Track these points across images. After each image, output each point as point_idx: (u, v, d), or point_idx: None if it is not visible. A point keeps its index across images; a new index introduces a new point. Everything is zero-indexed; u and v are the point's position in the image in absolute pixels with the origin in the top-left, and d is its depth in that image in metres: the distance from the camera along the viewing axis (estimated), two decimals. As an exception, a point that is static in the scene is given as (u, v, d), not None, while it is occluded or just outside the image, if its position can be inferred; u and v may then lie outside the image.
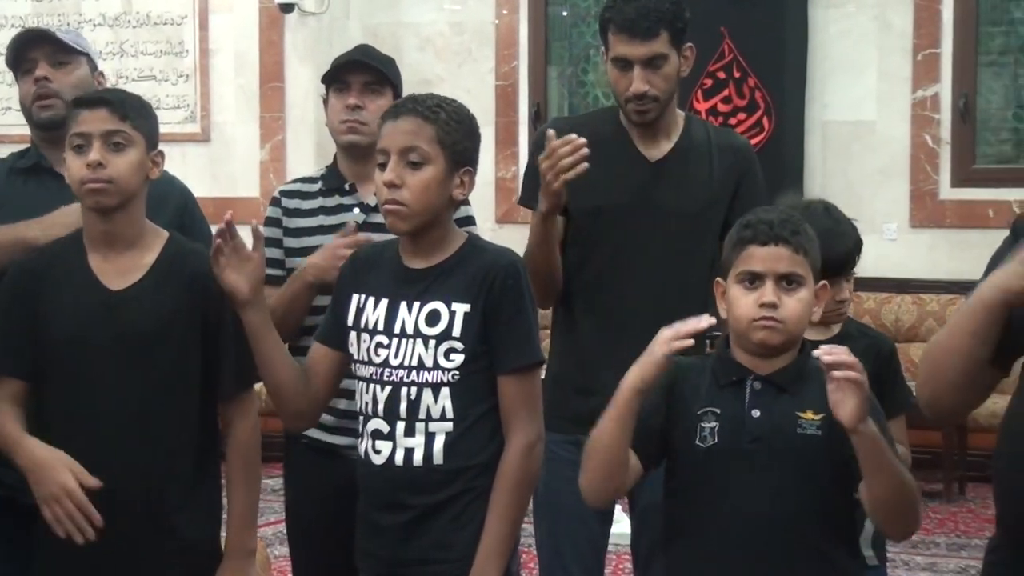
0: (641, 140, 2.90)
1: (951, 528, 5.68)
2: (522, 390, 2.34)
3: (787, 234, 2.17)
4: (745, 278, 2.17)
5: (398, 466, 2.30)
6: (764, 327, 2.14)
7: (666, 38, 2.82)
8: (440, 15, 7.67)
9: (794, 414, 2.14)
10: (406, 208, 2.31)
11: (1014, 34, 6.72)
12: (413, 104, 2.36)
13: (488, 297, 2.31)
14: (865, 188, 6.72)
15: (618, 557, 4.77)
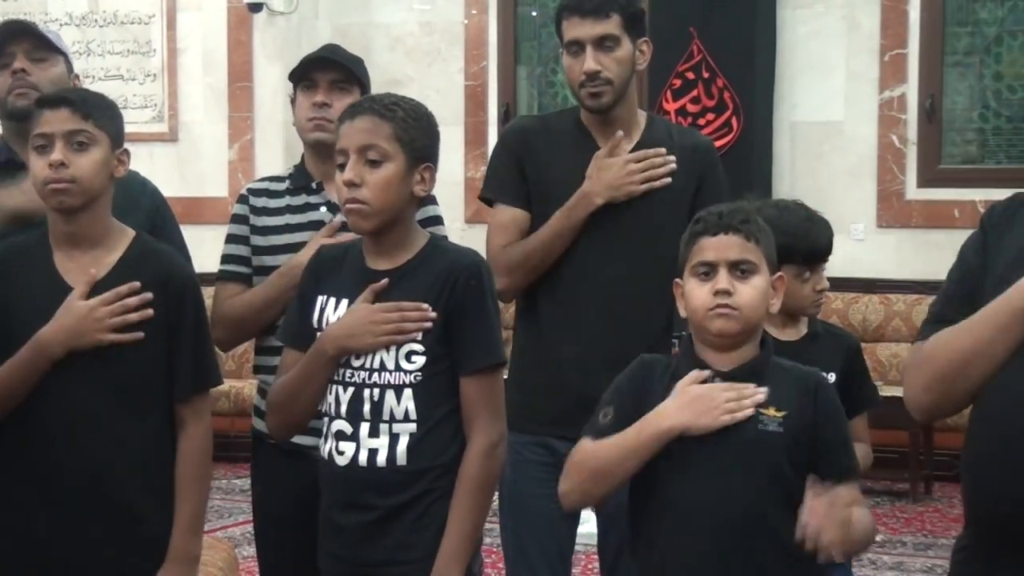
0: (603, 137, 2.91)
1: (918, 527, 5.70)
2: (484, 391, 2.34)
3: (736, 223, 2.19)
4: (699, 270, 2.19)
5: (362, 467, 2.30)
6: (719, 315, 2.15)
7: (618, 21, 2.84)
8: (410, 15, 7.67)
9: (756, 410, 2.14)
10: (367, 207, 2.31)
11: (979, 35, 6.76)
12: (369, 103, 2.37)
13: (451, 298, 2.31)
14: (833, 188, 6.75)
15: (587, 557, 4.76)
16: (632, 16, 2.87)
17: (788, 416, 2.14)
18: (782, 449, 2.14)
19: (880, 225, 6.79)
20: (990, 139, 6.82)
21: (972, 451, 2.06)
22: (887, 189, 6.78)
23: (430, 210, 2.99)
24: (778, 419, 2.14)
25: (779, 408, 2.14)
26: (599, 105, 2.86)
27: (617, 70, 2.84)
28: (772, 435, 2.14)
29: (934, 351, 2.04)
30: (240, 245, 2.96)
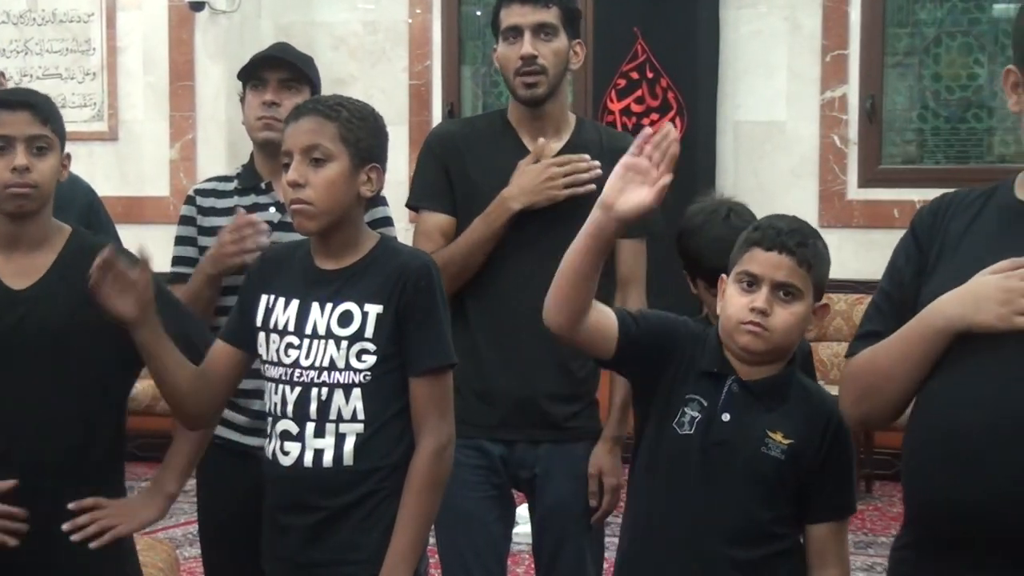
0: (530, 136, 2.90)
1: (858, 526, 5.73)
2: (433, 392, 2.33)
3: (793, 244, 2.16)
4: (744, 279, 2.16)
5: (307, 467, 2.29)
6: (749, 332, 2.13)
7: (557, 13, 2.84)
8: (353, 14, 7.63)
9: (763, 430, 2.12)
10: (312, 207, 2.30)
11: (919, 35, 6.84)
12: (314, 104, 2.37)
13: (401, 298, 2.30)
14: (776, 188, 6.80)
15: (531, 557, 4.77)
16: (570, 12, 2.88)
17: (793, 446, 2.11)
18: (778, 476, 2.11)
19: (822, 225, 6.83)
20: (929, 139, 6.89)
21: (912, 452, 2.08)
22: (829, 189, 6.84)
23: (380, 211, 2.99)
24: (783, 446, 2.11)
25: (787, 435, 2.11)
26: (533, 95, 2.85)
27: (553, 60, 2.84)
28: (772, 461, 2.11)
29: (860, 368, 2.08)
30: (188, 247, 2.94)
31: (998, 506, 1.91)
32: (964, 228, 2.07)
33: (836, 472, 2.17)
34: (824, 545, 2.17)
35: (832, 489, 2.17)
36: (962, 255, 2.03)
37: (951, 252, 2.05)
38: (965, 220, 2.07)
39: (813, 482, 2.14)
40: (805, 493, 2.13)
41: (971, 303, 1.93)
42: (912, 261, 2.10)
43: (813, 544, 2.17)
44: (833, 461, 2.16)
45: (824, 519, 2.17)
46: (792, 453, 2.10)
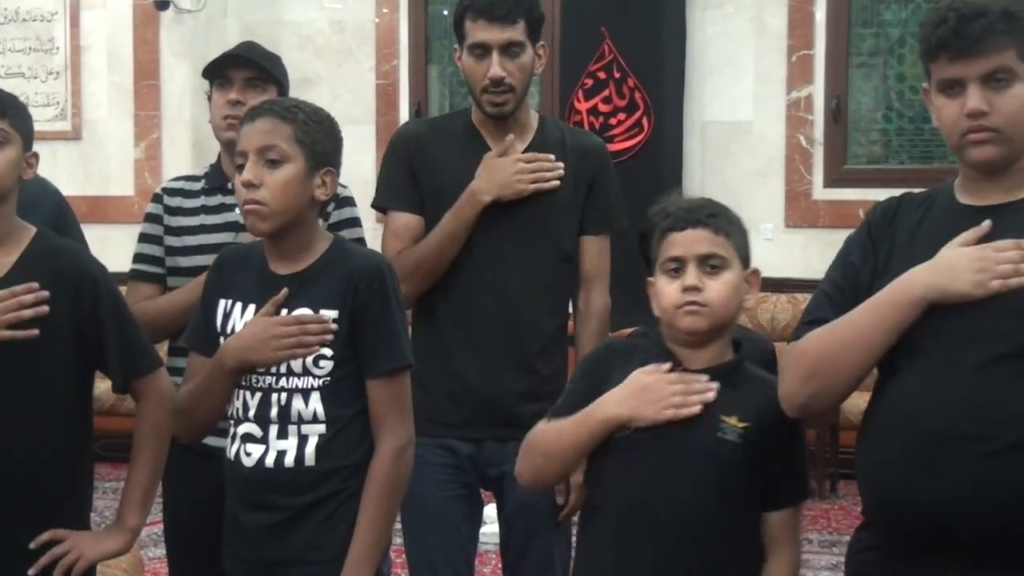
0: (494, 139, 2.90)
1: (823, 525, 5.77)
2: (391, 393, 2.34)
3: (704, 216, 2.16)
4: (669, 266, 2.16)
5: (268, 468, 2.30)
6: (688, 312, 2.12)
7: (523, 27, 2.84)
8: (320, 13, 7.61)
9: (719, 416, 2.12)
10: (266, 207, 2.30)
11: (883, 36, 6.88)
12: (270, 105, 2.37)
13: (354, 301, 2.31)
14: (742, 188, 6.82)
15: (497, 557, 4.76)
16: (535, 22, 2.88)
17: (749, 429, 2.11)
18: (736, 461, 2.11)
19: (788, 225, 6.87)
20: (893, 140, 6.94)
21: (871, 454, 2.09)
22: (795, 189, 6.87)
23: (347, 212, 2.99)
24: (739, 430, 2.11)
25: (742, 419, 2.11)
26: (500, 112, 2.86)
27: (520, 76, 2.85)
28: (728, 444, 2.11)
29: (810, 346, 2.09)
30: (153, 245, 2.92)
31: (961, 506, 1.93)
32: (911, 231, 2.10)
33: (792, 458, 2.18)
34: (780, 531, 2.18)
35: (789, 475, 2.18)
36: (913, 258, 2.05)
37: (901, 254, 2.08)
38: (912, 223, 2.11)
39: (769, 468, 2.14)
40: (761, 480, 2.13)
41: (945, 273, 1.98)
42: (868, 257, 2.13)
43: (770, 531, 2.17)
44: (789, 445, 2.16)
45: (781, 506, 2.18)
46: (748, 436, 2.11)
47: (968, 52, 1.99)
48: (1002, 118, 1.99)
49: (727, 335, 2.19)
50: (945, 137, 2.07)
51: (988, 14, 2.00)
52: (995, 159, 2.02)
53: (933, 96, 2.07)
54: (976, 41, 1.99)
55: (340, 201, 2.97)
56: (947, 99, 2.03)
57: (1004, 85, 2.00)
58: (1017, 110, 2.00)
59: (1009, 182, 2.05)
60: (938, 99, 2.05)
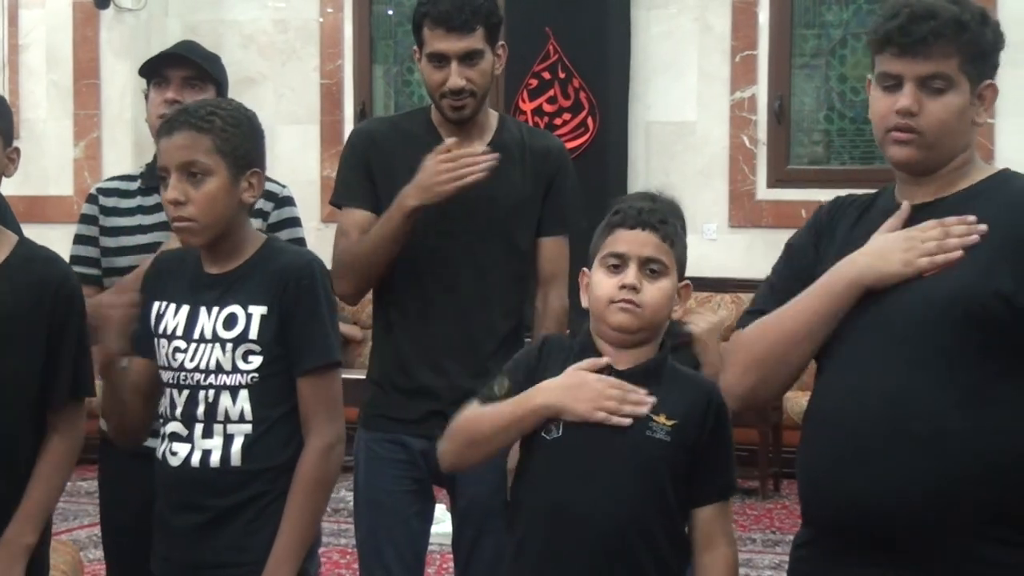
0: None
1: (767, 524, 5.79)
2: (320, 391, 2.33)
3: (655, 221, 2.16)
4: (609, 261, 2.15)
5: (194, 467, 2.30)
6: (622, 309, 2.12)
7: (482, 34, 2.82)
8: (263, 12, 7.56)
9: (647, 415, 2.11)
10: (196, 223, 2.30)
11: (826, 37, 6.93)
12: (185, 116, 2.33)
13: (284, 299, 2.31)
14: (686, 188, 6.83)
15: (443, 556, 4.76)
16: (494, 26, 2.86)
17: (677, 426, 2.11)
18: (665, 459, 2.10)
19: (732, 225, 6.91)
20: (835, 140, 7.00)
21: (802, 446, 2.12)
22: (738, 189, 6.90)
23: (286, 212, 2.97)
24: (667, 427, 2.10)
25: (670, 416, 2.11)
26: (461, 117, 2.84)
27: (481, 82, 2.83)
28: (658, 443, 2.10)
29: (751, 336, 2.12)
30: (89, 246, 2.89)
31: (883, 501, 1.95)
32: (848, 230, 2.13)
33: (720, 452, 2.17)
34: (712, 526, 2.17)
35: (717, 469, 2.17)
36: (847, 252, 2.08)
37: (838, 251, 2.11)
38: (849, 222, 2.15)
39: (698, 463, 2.14)
40: (690, 475, 2.14)
41: (876, 255, 2.02)
42: (809, 252, 2.17)
43: (701, 526, 2.16)
44: (716, 440, 2.16)
45: (710, 500, 2.17)
46: (676, 434, 2.11)
47: (911, 51, 2.01)
48: (928, 122, 2.01)
49: (654, 341, 2.18)
50: (874, 131, 2.09)
51: (938, 17, 2.01)
52: (912, 160, 2.04)
53: (872, 89, 2.09)
54: (920, 42, 2.00)
55: (280, 201, 2.95)
56: (882, 93, 2.05)
57: (939, 92, 2.01)
58: (945, 118, 2.02)
59: (939, 183, 2.07)
60: (875, 91, 2.07)
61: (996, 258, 1.97)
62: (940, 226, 2.00)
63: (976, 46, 2.03)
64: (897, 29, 2.01)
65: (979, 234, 1.98)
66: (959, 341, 1.95)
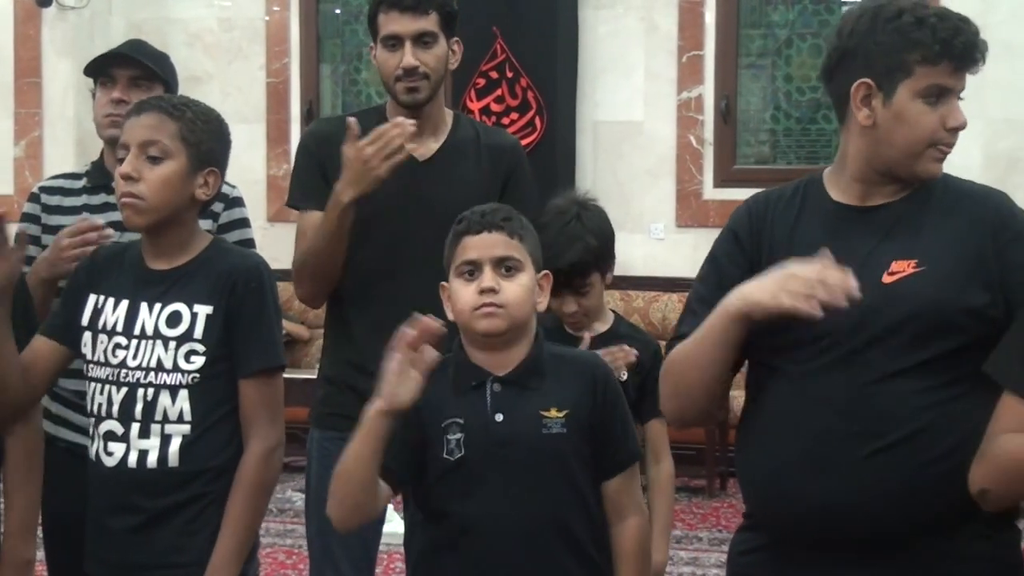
0: (409, 138, 2.89)
1: (713, 523, 5.81)
2: (262, 394, 2.33)
3: (499, 220, 2.18)
4: (463, 269, 2.16)
5: (131, 468, 2.28)
6: (485, 314, 2.13)
7: (436, 19, 2.84)
8: (209, 11, 7.51)
9: (538, 413, 2.12)
10: (143, 202, 2.28)
11: (772, 37, 6.97)
12: (158, 101, 2.36)
13: (230, 300, 2.30)
14: (634, 188, 6.87)
15: (389, 556, 4.76)
16: (449, 15, 2.89)
17: (570, 414, 2.12)
18: (568, 450, 2.12)
19: (679, 224, 6.93)
20: (781, 140, 7.04)
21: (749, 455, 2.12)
22: (685, 189, 6.93)
23: (236, 212, 2.96)
24: (560, 419, 2.12)
25: (560, 407, 2.12)
26: (415, 100, 2.84)
27: (435, 66, 2.85)
28: (557, 437, 2.11)
29: (671, 364, 2.13)
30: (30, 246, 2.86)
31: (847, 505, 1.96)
32: (788, 232, 2.11)
33: (615, 423, 2.19)
34: (619, 497, 2.19)
35: (616, 441, 2.19)
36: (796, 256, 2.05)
37: (781, 256, 2.07)
38: (787, 223, 2.12)
39: (597, 440, 2.15)
40: (593, 453, 2.15)
41: (756, 285, 1.98)
42: (736, 263, 2.14)
43: (609, 499, 2.19)
44: (609, 414, 2.17)
45: (615, 472, 2.19)
46: (570, 422, 2.12)
47: (968, 67, 2.00)
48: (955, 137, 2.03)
49: (527, 337, 2.18)
50: (903, 142, 2.01)
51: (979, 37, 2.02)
52: (939, 175, 2.05)
53: (905, 98, 2.01)
54: (976, 60, 2.01)
55: (229, 202, 2.94)
56: (927, 106, 2.00)
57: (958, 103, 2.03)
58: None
59: (896, 185, 2.08)
60: (915, 103, 2.00)
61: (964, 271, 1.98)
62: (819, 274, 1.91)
63: None
64: (972, 46, 1.99)
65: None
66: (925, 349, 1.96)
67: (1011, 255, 1.98)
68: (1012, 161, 6.30)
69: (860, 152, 2.07)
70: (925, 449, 1.94)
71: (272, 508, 5.76)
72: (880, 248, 2.01)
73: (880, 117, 2.03)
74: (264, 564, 4.98)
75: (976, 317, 1.96)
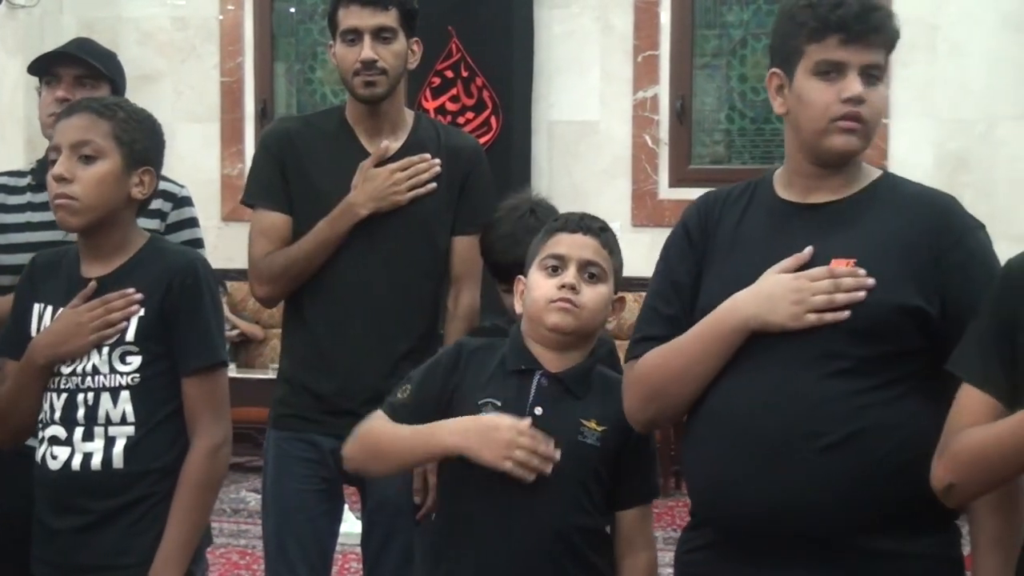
0: (368, 138, 2.90)
1: (667, 522, 5.82)
2: (205, 391, 2.32)
3: (596, 227, 2.20)
4: (549, 263, 2.17)
5: (75, 470, 2.27)
6: (560, 308, 2.13)
7: (396, 15, 2.85)
8: (162, 9, 7.46)
9: (577, 419, 2.12)
10: (76, 202, 2.27)
11: (726, 37, 7.00)
12: (89, 102, 2.34)
13: (166, 298, 2.29)
14: (590, 187, 6.88)
15: (344, 557, 4.74)
16: (409, 13, 2.89)
17: (606, 431, 2.13)
18: (595, 463, 2.13)
19: (634, 224, 6.95)
20: (736, 140, 7.07)
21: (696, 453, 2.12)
22: (641, 188, 6.95)
23: (185, 212, 2.94)
24: (597, 433, 2.12)
25: (600, 422, 2.13)
26: (372, 94, 2.84)
27: (393, 62, 2.85)
28: (589, 448, 2.12)
29: (647, 370, 2.10)
30: None
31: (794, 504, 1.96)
32: (733, 228, 2.12)
33: (643, 457, 2.21)
34: (633, 530, 2.21)
35: (641, 473, 2.20)
36: (737, 257, 2.08)
37: (724, 253, 2.10)
38: (733, 220, 2.13)
39: (622, 468, 2.16)
40: (614, 479, 2.15)
41: (765, 302, 1.98)
42: (685, 259, 2.15)
43: (623, 530, 2.20)
44: (641, 446, 2.19)
45: (633, 504, 2.20)
46: (605, 439, 2.13)
47: (862, 39, 1.99)
48: (870, 112, 2.01)
49: (587, 347, 2.19)
50: (807, 122, 2.03)
51: (881, 9, 2.02)
52: (856, 150, 2.04)
53: (802, 79, 2.03)
54: (873, 30, 2.00)
55: (178, 201, 2.93)
56: (823, 82, 2.01)
57: (875, 81, 2.02)
58: (881, 109, 2.04)
59: (836, 181, 2.08)
60: (810, 82, 2.02)
61: (901, 271, 1.99)
62: (830, 276, 1.97)
63: (895, 41, 2.05)
64: (853, 16, 1.99)
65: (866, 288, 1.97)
66: (862, 348, 1.97)
67: (951, 259, 1.99)
68: (961, 161, 6.36)
69: (789, 142, 2.10)
70: (866, 449, 1.95)
71: (226, 508, 5.73)
72: (821, 246, 2.02)
73: (789, 103, 2.06)
74: (218, 564, 4.95)
75: (912, 317, 1.97)
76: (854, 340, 1.97)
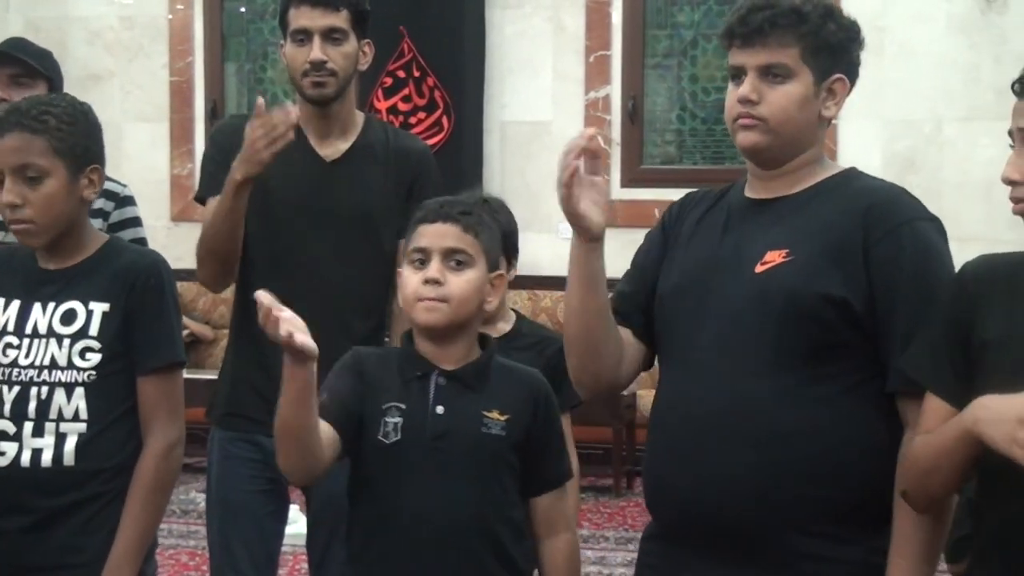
0: (317, 139, 2.90)
1: (620, 522, 5.83)
2: (162, 391, 2.32)
3: (456, 213, 2.17)
4: (415, 257, 2.16)
5: (24, 467, 2.25)
6: (427, 308, 2.12)
7: (347, 16, 2.85)
8: (110, 9, 7.39)
9: (479, 412, 2.13)
10: (35, 225, 2.26)
11: (677, 37, 7.03)
12: (17, 117, 2.27)
13: (130, 297, 2.29)
14: (542, 188, 6.87)
15: (295, 558, 4.73)
16: (360, 14, 2.90)
17: (510, 420, 2.13)
18: (503, 453, 2.13)
19: (587, 224, 6.95)
20: (687, 140, 7.10)
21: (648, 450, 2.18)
22: (593, 188, 6.95)
23: (128, 211, 2.94)
24: (501, 422, 2.13)
25: (503, 411, 2.13)
26: (321, 95, 2.84)
27: (343, 63, 2.85)
28: (494, 439, 2.12)
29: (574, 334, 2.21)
30: None
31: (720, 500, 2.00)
32: (696, 222, 2.19)
33: (551, 440, 2.21)
34: (550, 514, 2.21)
35: (551, 458, 2.21)
36: (691, 246, 2.16)
37: (684, 242, 2.18)
38: (698, 214, 2.20)
39: (531, 453, 2.16)
40: (524, 466, 2.16)
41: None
42: (652, 250, 2.24)
43: (540, 515, 2.20)
44: (547, 430, 2.19)
45: (547, 488, 2.20)
46: (510, 427, 2.13)
47: (751, 41, 2.06)
48: (770, 110, 2.06)
49: (470, 333, 2.18)
50: (728, 124, 2.13)
51: (775, 7, 2.06)
52: (758, 146, 2.08)
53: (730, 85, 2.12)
54: (757, 31, 2.06)
55: (120, 201, 2.92)
56: (733, 86, 2.10)
57: (779, 81, 2.06)
58: (785, 104, 2.06)
59: (790, 178, 2.12)
60: (729, 86, 2.12)
61: (828, 261, 2.01)
62: None
63: (818, 37, 2.07)
64: (738, 21, 2.07)
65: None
66: (791, 341, 2.00)
67: (879, 253, 2.01)
68: (908, 161, 6.42)
69: None
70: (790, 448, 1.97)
71: (175, 509, 5.69)
72: (761, 239, 2.07)
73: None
74: (167, 565, 4.91)
75: (835, 307, 1.99)
76: (781, 332, 1.99)
